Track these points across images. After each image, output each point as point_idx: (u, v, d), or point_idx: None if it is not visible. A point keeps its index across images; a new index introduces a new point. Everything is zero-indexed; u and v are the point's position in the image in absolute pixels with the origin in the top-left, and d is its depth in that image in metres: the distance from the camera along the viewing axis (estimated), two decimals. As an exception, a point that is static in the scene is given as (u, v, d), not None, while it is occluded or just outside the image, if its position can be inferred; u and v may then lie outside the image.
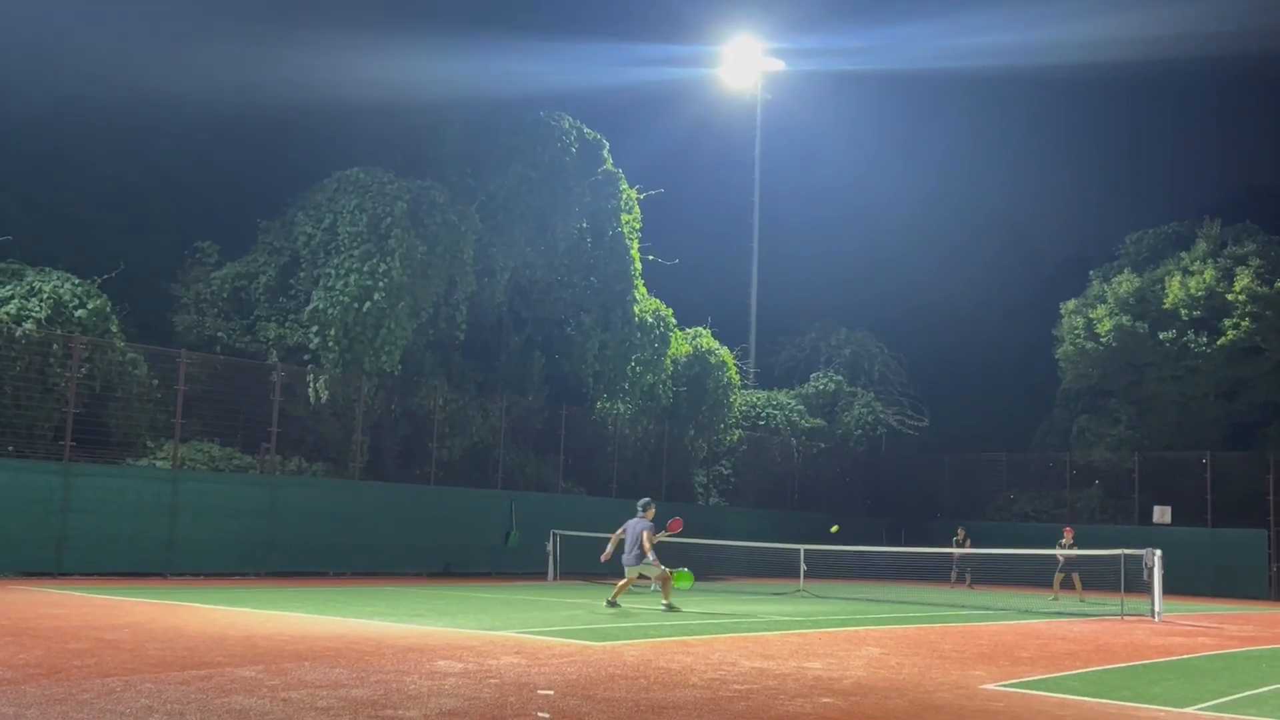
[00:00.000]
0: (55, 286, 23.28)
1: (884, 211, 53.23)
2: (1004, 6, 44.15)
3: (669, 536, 19.59)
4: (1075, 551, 27.73)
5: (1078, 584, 27.65)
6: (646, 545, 18.32)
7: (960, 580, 32.00)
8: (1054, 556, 28.23)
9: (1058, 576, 28.21)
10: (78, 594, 17.52)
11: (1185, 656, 14.47)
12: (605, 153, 31.98)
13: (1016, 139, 56.51)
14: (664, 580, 18.59)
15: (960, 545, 31.48)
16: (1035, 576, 30.34)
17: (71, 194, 26.98)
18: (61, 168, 26.86)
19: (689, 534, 28.01)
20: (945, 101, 56.33)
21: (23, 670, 9.21)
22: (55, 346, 22.55)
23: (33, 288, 23.10)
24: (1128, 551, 22.33)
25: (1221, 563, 33.97)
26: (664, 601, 18.37)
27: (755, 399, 40.14)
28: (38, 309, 22.71)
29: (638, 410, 33.19)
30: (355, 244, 26.03)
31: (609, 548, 19.36)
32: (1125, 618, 21.02)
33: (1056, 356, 40.79)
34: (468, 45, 29.92)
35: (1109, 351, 38.61)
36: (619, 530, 19.17)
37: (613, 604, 18.13)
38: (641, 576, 18.92)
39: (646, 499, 19.37)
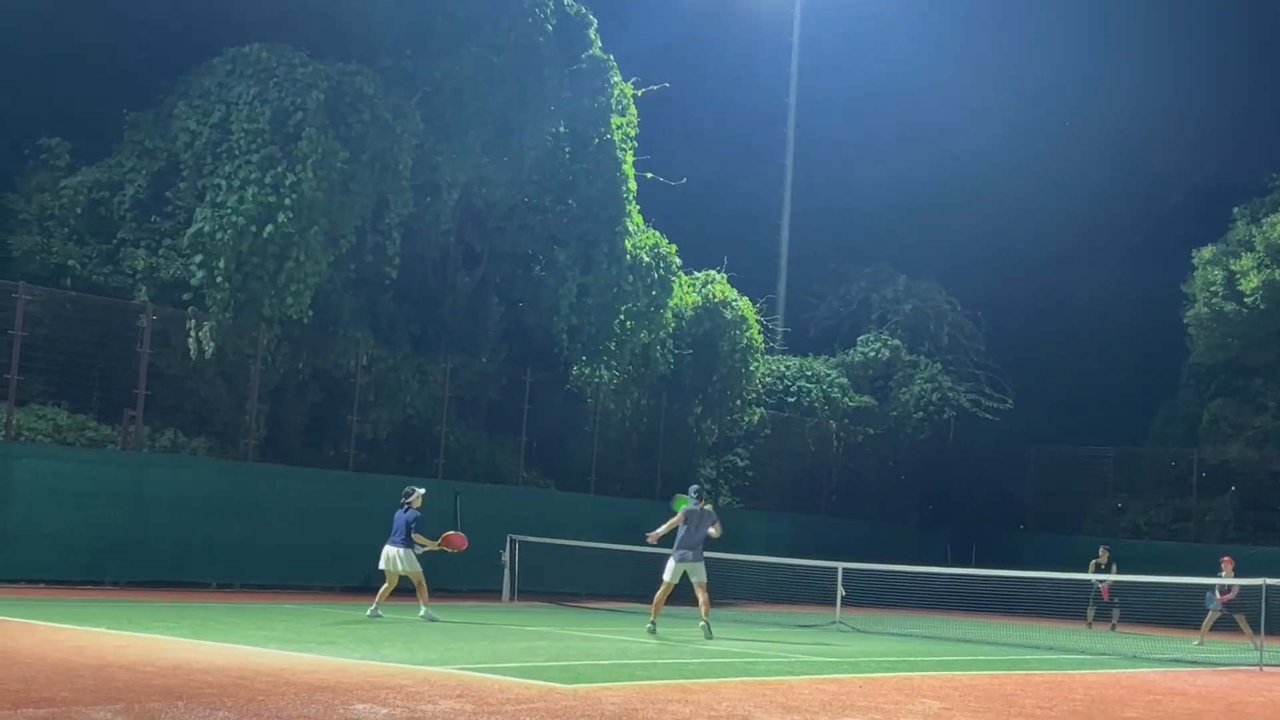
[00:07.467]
0: None
1: (959, 129, 52.78)
2: None
3: (450, 551, 21.68)
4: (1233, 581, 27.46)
5: (1244, 626, 27.43)
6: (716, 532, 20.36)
7: (1102, 618, 31.66)
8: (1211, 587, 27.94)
9: (1210, 616, 28.01)
10: (-125, 604, 17.43)
11: (1345, 721, 14.50)
12: (592, 33, 31.72)
13: (1135, 34, 56.08)
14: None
15: (1103, 570, 31.13)
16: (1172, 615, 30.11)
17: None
18: None
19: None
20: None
21: None
22: None
23: None
24: (1270, 581, 22.37)
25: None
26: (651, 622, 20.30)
27: (783, 367, 40.12)
28: None
29: (627, 379, 33.11)
30: (254, 147, 25.84)
31: (661, 529, 20.92)
32: (1265, 669, 21.06)
33: (1185, 321, 40.75)
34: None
35: (1256, 315, 38.54)
36: (677, 516, 20.62)
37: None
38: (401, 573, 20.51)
39: (698, 485, 22.16)
